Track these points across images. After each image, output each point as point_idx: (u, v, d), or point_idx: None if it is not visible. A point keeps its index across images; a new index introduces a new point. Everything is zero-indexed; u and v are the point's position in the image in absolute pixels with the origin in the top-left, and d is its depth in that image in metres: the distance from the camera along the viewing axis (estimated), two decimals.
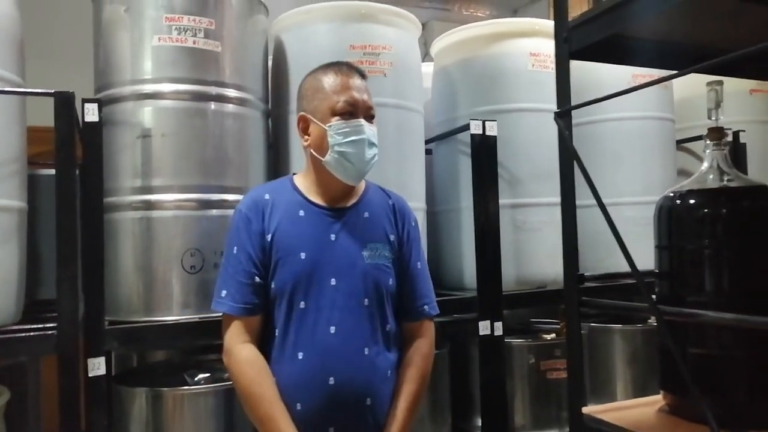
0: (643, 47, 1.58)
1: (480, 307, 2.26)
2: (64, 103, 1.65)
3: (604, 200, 2.93)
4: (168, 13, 1.92)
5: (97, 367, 1.68)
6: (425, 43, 5.81)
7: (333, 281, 1.43)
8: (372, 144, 1.48)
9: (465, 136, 2.38)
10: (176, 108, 1.93)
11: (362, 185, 1.58)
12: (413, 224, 1.59)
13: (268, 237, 1.43)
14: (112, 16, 2.01)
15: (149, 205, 1.90)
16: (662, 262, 1.52)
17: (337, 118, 1.45)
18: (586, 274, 1.61)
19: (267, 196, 1.48)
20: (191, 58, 1.94)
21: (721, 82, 1.51)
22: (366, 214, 1.52)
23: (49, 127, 1.66)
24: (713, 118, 1.50)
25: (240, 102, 2.04)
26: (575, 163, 1.52)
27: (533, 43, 2.48)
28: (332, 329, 1.41)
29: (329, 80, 1.49)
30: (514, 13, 6.32)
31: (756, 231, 1.36)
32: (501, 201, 2.35)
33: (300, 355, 1.40)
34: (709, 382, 1.39)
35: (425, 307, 1.55)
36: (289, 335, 1.41)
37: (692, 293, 1.42)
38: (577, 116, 2.60)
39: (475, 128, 2.28)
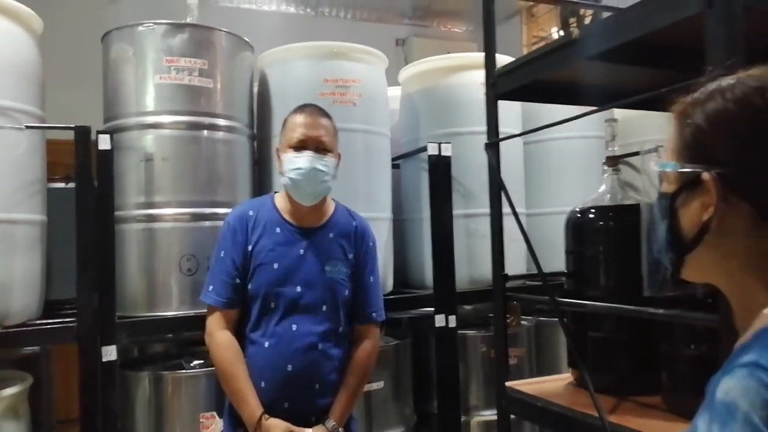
0: (559, 89, 1.93)
1: (436, 303, 2.62)
2: (83, 134, 2.00)
3: (551, 209, 3.35)
4: (167, 56, 2.28)
5: (110, 353, 2.03)
6: (405, 58, 6.20)
7: (298, 289, 1.74)
8: (319, 171, 1.73)
9: (426, 155, 2.75)
10: (174, 136, 2.29)
11: (330, 208, 1.86)
12: (371, 244, 1.88)
13: (250, 247, 1.75)
14: (119, 55, 2.36)
15: (151, 218, 2.26)
16: (568, 264, 1.89)
17: (291, 150, 1.76)
18: (510, 274, 1.97)
19: (251, 212, 1.80)
20: (187, 93, 2.29)
21: (616, 120, 1.88)
22: (331, 235, 1.81)
23: (59, 140, 1.96)
24: (609, 149, 1.87)
25: (229, 129, 2.39)
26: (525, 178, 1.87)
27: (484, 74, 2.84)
28: (294, 327, 1.72)
29: (292, 120, 1.80)
30: None
31: (636, 240, 1.72)
32: (456, 211, 2.72)
33: (266, 344, 1.72)
34: (603, 359, 1.76)
35: (373, 314, 1.86)
36: (261, 327, 1.74)
37: (590, 289, 1.79)
38: (527, 138, 2.99)
39: (432, 149, 2.65)
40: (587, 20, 5.08)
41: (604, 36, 1.45)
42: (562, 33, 5.51)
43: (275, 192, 1.93)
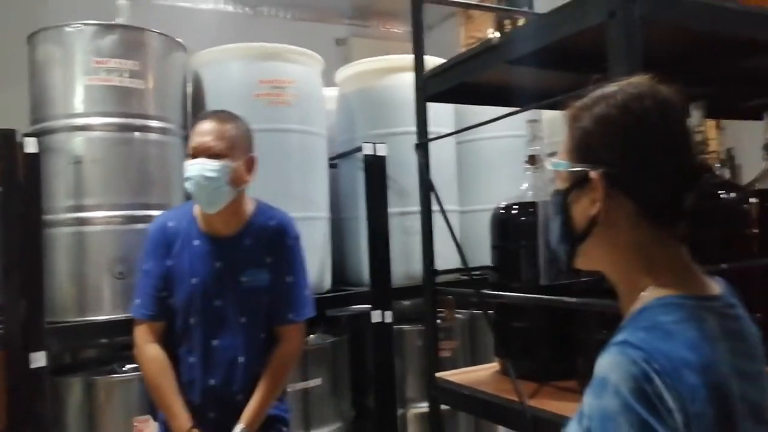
0: (486, 91, 2.02)
1: (372, 299, 2.68)
2: (7, 138, 1.95)
3: (483, 206, 3.45)
4: (97, 57, 2.24)
5: (38, 360, 1.99)
6: (345, 58, 6.23)
7: (218, 302, 1.74)
8: (208, 177, 1.66)
9: (362, 155, 2.80)
10: (105, 138, 2.26)
11: (247, 212, 1.80)
12: (290, 243, 1.83)
13: (169, 262, 1.75)
14: (46, 56, 2.31)
15: (82, 221, 2.22)
16: (494, 258, 1.98)
17: (187, 159, 1.73)
18: (444, 268, 2.04)
19: (170, 224, 1.78)
20: (118, 95, 2.27)
21: (537, 120, 1.98)
22: (247, 242, 1.77)
23: None
24: (531, 148, 1.97)
25: (161, 131, 2.38)
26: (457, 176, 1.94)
27: None
28: (215, 342, 1.74)
29: (193, 128, 1.77)
30: (429, 29, 6.77)
31: None
32: (391, 210, 2.78)
33: (190, 360, 1.75)
34: (526, 348, 1.86)
35: (290, 315, 1.81)
36: (183, 343, 1.76)
37: (513, 281, 1.88)
38: (460, 137, 3.09)
39: (368, 149, 2.71)
40: (521, 22, 5.26)
41: (520, 42, 1.53)
42: (498, 34, 5.68)
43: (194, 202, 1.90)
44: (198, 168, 1.67)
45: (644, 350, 0.73)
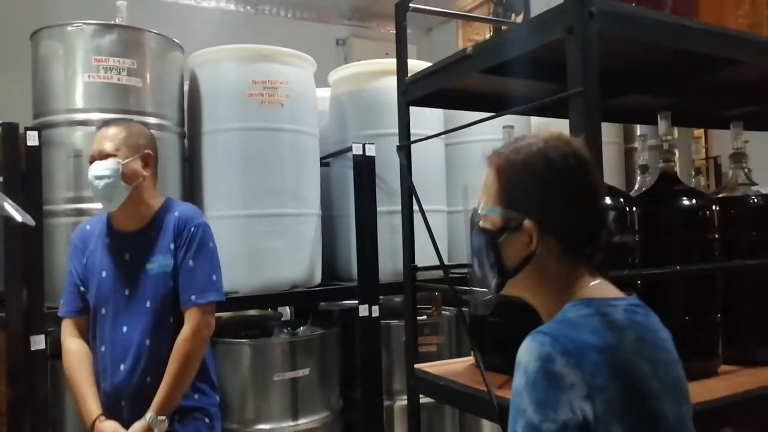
0: (464, 96, 2.11)
1: (360, 294, 2.79)
2: (11, 131, 2.06)
3: (470, 206, 3.54)
4: (96, 55, 2.35)
5: (38, 342, 2.10)
6: (345, 58, 6.33)
7: (126, 291, 1.86)
8: (99, 176, 1.83)
9: (352, 154, 2.90)
10: None
11: (154, 208, 1.93)
12: (192, 230, 1.90)
13: (85, 260, 1.91)
14: (48, 53, 2.41)
15: (80, 212, 2.33)
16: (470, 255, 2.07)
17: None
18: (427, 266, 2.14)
19: (88, 227, 1.96)
20: (116, 92, 2.37)
21: (512, 126, 2.08)
22: (152, 233, 1.90)
23: None
24: None
25: (159, 127, 2.48)
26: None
27: None
28: (124, 329, 1.85)
29: None
30: (428, 31, 6.86)
31: None
32: (380, 208, 2.88)
33: (102, 349, 1.86)
34: (498, 341, 1.95)
35: (192, 296, 1.86)
36: (96, 334, 1.88)
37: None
38: (449, 140, 3.19)
39: (357, 150, 2.81)
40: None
41: (491, 53, 1.63)
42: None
43: None
44: (92, 169, 1.85)
45: (551, 335, 0.86)
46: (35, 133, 2.16)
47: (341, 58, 6.29)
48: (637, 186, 2.22)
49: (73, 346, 1.86)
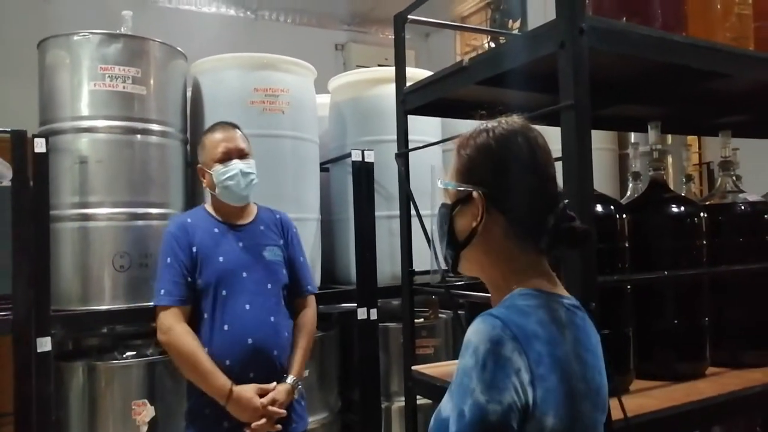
0: (460, 106, 2.17)
1: (358, 297, 2.84)
2: (20, 138, 2.12)
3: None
4: (102, 64, 2.41)
5: (45, 345, 2.15)
6: (344, 63, 6.40)
7: (244, 274, 1.98)
8: (246, 173, 2.02)
9: (351, 160, 2.95)
10: (109, 139, 2.42)
11: (254, 209, 2.12)
12: (294, 231, 2.18)
13: (194, 248, 1.96)
14: (55, 61, 2.47)
15: (86, 217, 2.38)
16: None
17: (218, 164, 2.01)
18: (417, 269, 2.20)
19: (189, 219, 2.03)
20: (121, 99, 2.43)
21: None
22: (261, 227, 2.09)
23: None
24: None
25: (162, 134, 2.54)
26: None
27: None
28: (247, 306, 1.96)
29: (210, 138, 2.06)
30: (426, 36, 6.91)
31: None
32: (378, 213, 2.94)
33: (225, 327, 1.93)
34: None
35: (308, 287, 2.17)
36: (217, 314, 1.94)
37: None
38: (447, 147, 3.23)
39: (356, 156, 2.87)
40: (517, 26, 5.43)
41: (485, 66, 1.69)
42: (492, 44, 5.84)
43: (203, 205, 2.14)
44: (238, 165, 2.00)
45: (502, 320, 0.90)
46: (42, 140, 2.21)
47: (340, 63, 6.36)
48: (629, 193, 2.27)
49: (186, 329, 1.91)
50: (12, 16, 4.15)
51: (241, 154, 2.04)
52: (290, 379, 1.99)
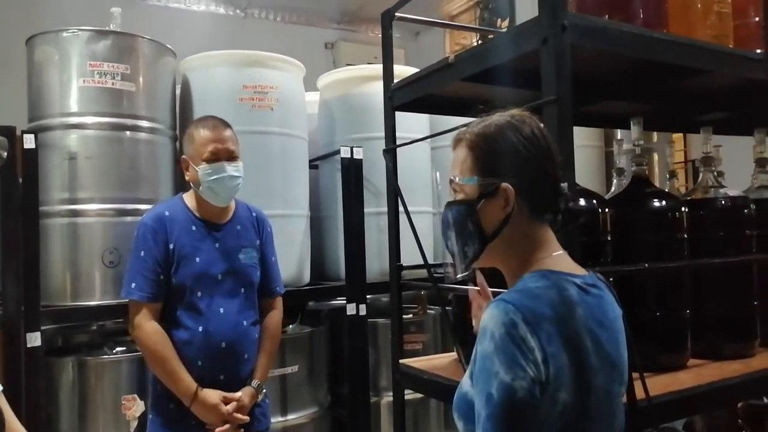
0: (447, 102, 2.19)
1: (348, 293, 2.86)
2: (9, 134, 2.12)
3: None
4: (91, 60, 2.42)
5: (34, 340, 2.16)
6: (334, 62, 6.41)
7: (219, 276, 1.97)
8: (233, 177, 1.98)
9: (340, 157, 2.98)
10: (98, 136, 2.43)
11: (232, 206, 2.08)
12: (269, 230, 2.16)
13: (171, 245, 1.93)
14: (43, 58, 2.47)
15: (75, 213, 2.39)
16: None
17: (204, 162, 1.95)
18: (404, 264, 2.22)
19: (167, 213, 1.97)
20: (110, 96, 2.44)
21: None
22: (238, 227, 2.06)
23: None
24: None
25: (151, 130, 2.55)
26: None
27: None
28: (221, 309, 1.96)
29: (199, 134, 1.99)
30: (416, 35, 6.93)
31: None
32: (367, 209, 2.97)
33: (200, 328, 1.93)
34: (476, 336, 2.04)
35: (277, 288, 2.15)
36: (191, 315, 1.94)
37: (469, 276, 2.06)
38: (435, 144, 3.27)
39: (345, 153, 2.89)
40: (506, 25, 5.46)
41: (471, 63, 1.71)
42: (480, 41, 5.87)
43: (181, 194, 2.10)
44: (224, 169, 1.96)
45: (513, 304, 0.95)
46: (32, 136, 2.22)
47: (330, 61, 6.36)
48: (613, 188, 2.31)
49: (155, 327, 1.89)
50: (2, 16, 4.13)
51: (230, 157, 1.99)
52: (254, 383, 2.00)
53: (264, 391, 2.03)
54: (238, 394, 1.94)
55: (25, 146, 2.20)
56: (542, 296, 0.98)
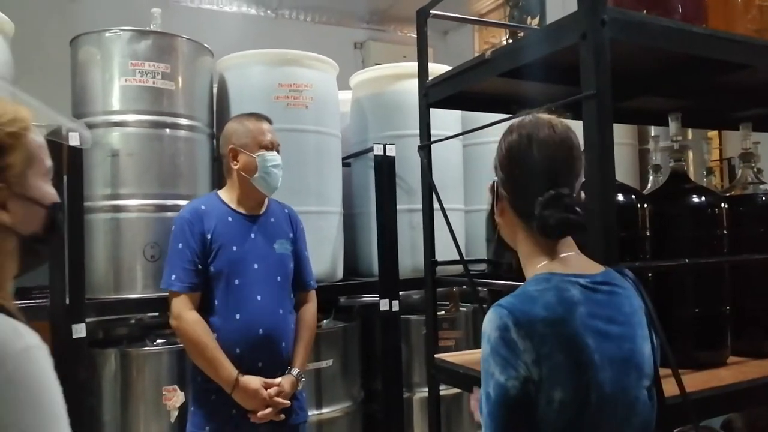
0: (482, 98, 2.21)
1: (380, 289, 2.89)
2: (55, 133, 2.19)
3: (485, 206, 3.62)
4: (133, 60, 2.48)
5: (79, 331, 2.23)
6: (363, 61, 6.44)
7: (255, 265, 2.03)
8: (279, 166, 2.10)
9: (373, 155, 3.00)
10: (139, 133, 2.50)
11: (266, 201, 2.16)
12: (301, 227, 2.24)
13: (208, 235, 2.00)
14: (86, 58, 2.55)
15: (117, 209, 2.46)
16: (489, 251, 2.17)
17: (263, 150, 2.06)
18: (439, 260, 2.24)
19: (203, 206, 2.05)
20: (151, 94, 2.50)
21: None
22: (272, 220, 2.13)
23: None
24: None
25: (190, 128, 2.61)
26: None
27: None
28: (258, 297, 2.01)
29: (252, 124, 2.11)
30: (445, 34, 6.93)
31: None
32: (400, 206, 2.99)
33: (237, 316, 1.98)
34: None
35: (311, 282, 2.23)
36: (229, 303, 1.99)
37: (504, 271, 2.08)
38: (467, 141, 3.28)
39: (378, 150, 2.92)
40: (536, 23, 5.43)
41: (508, 58, 1.72)
42: (511, 41, 5.85)
43: (215, 191, 2.17)
44: (279, 158, 2.10)
45: (507, 308, 1.01)
46: (76, 134, 2.28)
47: (359, 61, 6.40)
48: (649, 185, 2.29)
49: (195, 317, 1.95)
50: (41, 17, 4.25)
51: (278, 149, 2.13)
52: (295, 371, 2.05)
53: (303, 379, 2.08)
54: (279, 380, 1.98)
55: (71, 144, 2.27)
56: (538, 299, 1.02)
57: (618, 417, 1.04)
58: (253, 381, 1.93)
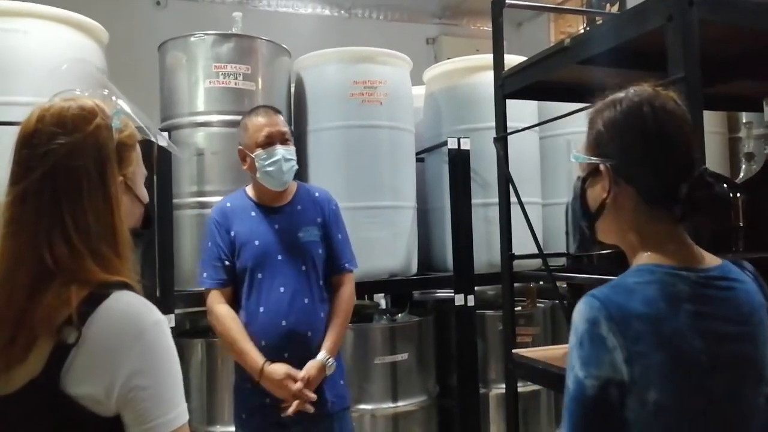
0: (559, 88, 2.16)
1: (455, 284, 2.88)
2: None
3: (564, 198, 3.54)
4: (216, 62, 2.59)
5: (169, 322, 2.34)
6: (435, 56, 6.43)
7: (279, 257, 2.02)
8: (287, 159, 2.02)
9: (447, 149, 2.99)
10: (222, 133, 2.60)
11: (293, 188, 2.13)
12: (333, 207, 2.15)
13: (232, 232, 2.04)
14: (173, 62, 2.68)
15: (203, 205, 2.57)
16: (569, 244, 2.12)
17: (259, 148, 2.02)
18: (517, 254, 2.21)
19: (228, 204, 2.10)
20: (233, 95, 2.60)
21: None
22: (299, 207, 2.10)
23: None
24: None
25: None
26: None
27: None
28: (281, 289, 2.00)
29: (252, 122, 2.06)
30: (519, 26, 6.81)
31: None
32: (475, 201, 2.96)
33: (261, 309, 2.00)
34: None
35: (345, 264, 2.13)
36: (252, 296, 2.02)
37: (585, 264, 2.02)
38: (543, 133, 3.21)
39: (452, 144, 2.90)
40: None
41: (589, 44, 1.68)
42: (588, 29, 5.67)
43: (244, 187, 2.18)
44: (279, 152, 2.01)
45: (600, 300, 0.93)
46: (165, 134, 2.40)
47: (431, 56, 6.39)
48: (742, 174, 2.17)
49: (225, 310, 2.00)
50: (130, 25, 4.50)
51: (283, 139, 2.05)
52: (321, 355, 1.99)
53: (333, 364, 2.01)
54: (303, 372, 1.95)
55: (160, 144, 2.38)
56: (637, 292, 0.94)
57: (729, 426, 0.95)
58: (278, 370, 1.93)
